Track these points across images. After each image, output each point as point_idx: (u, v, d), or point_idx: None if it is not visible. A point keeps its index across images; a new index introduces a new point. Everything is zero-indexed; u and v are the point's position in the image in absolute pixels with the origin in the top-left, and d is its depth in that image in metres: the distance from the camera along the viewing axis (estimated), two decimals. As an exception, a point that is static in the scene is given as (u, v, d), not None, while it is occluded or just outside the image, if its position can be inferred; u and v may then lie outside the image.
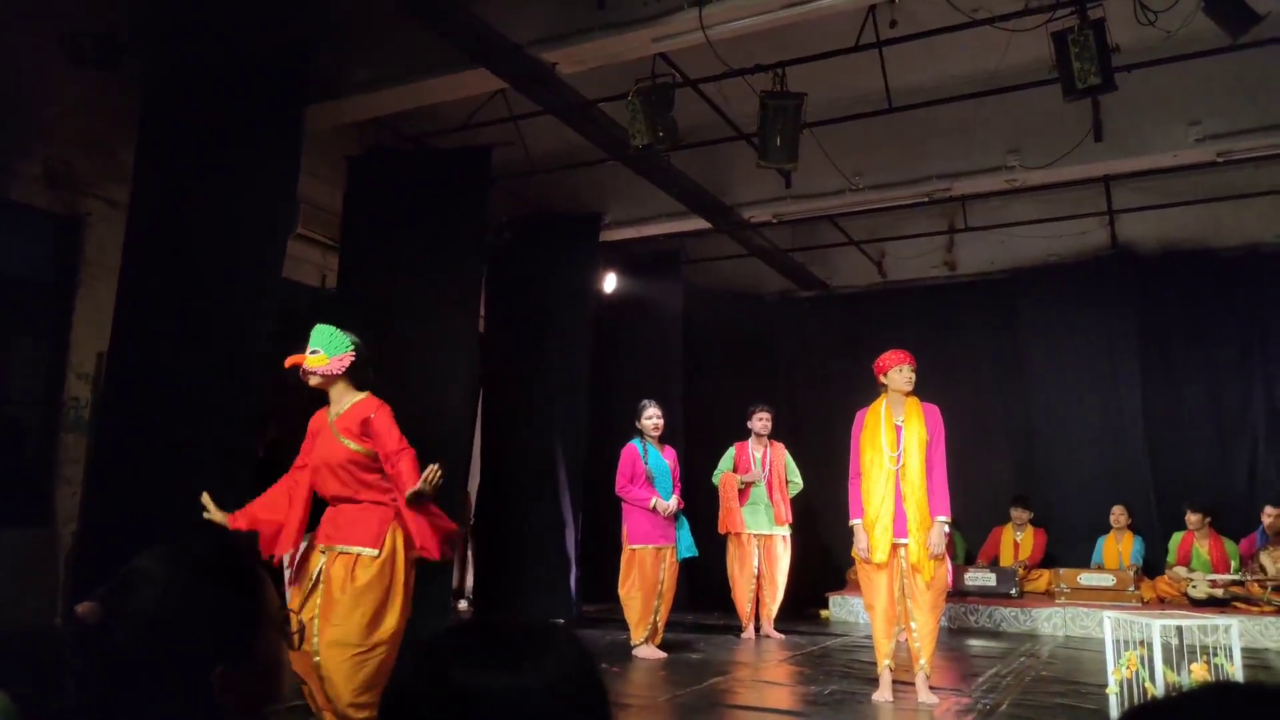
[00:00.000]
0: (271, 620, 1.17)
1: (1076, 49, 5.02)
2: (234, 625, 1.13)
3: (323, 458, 3.66)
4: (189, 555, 1.18)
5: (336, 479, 3.64)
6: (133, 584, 1.10)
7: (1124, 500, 8.22)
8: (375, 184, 6.93)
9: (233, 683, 1.09)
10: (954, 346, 9.24)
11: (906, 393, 4.81)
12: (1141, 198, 8.32)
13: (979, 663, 5.92)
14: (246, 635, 1.13)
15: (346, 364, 3.72)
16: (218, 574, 1.16)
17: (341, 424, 3.66)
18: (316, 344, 3.71)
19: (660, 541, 6.02)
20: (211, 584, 1.14)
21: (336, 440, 3.64)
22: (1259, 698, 0.71)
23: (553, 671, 0.84)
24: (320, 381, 3.70)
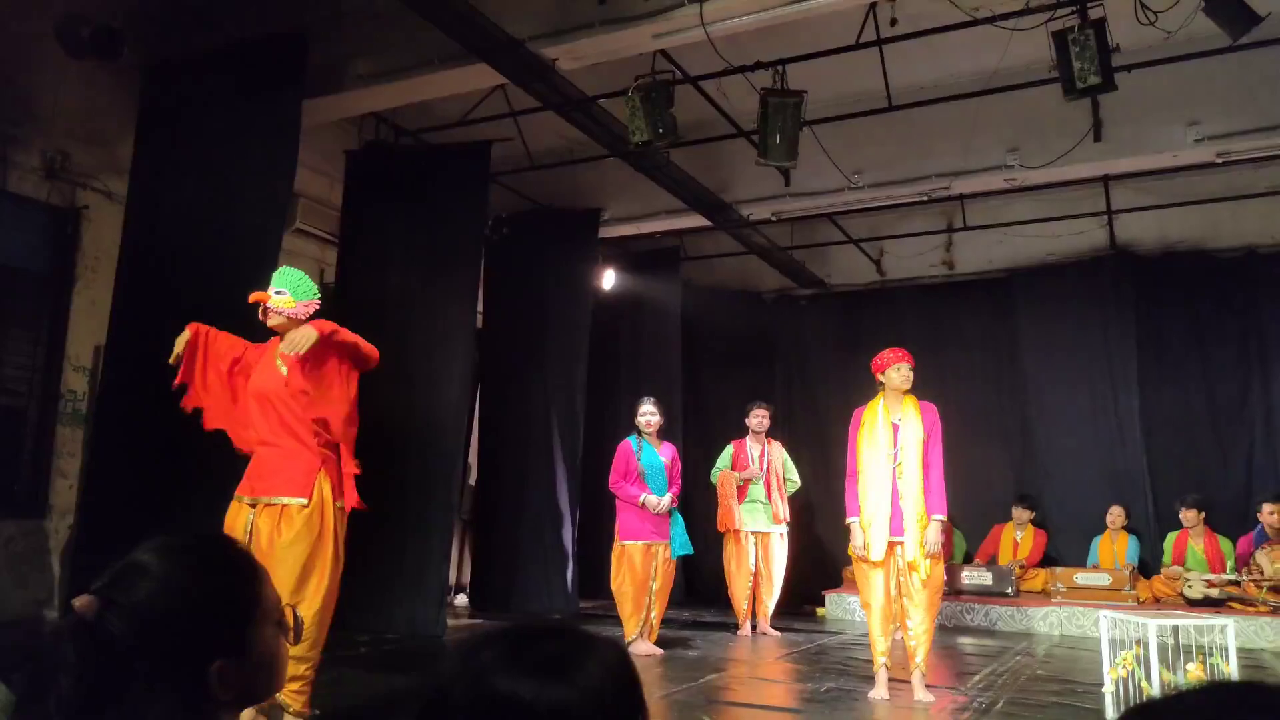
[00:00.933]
0: (269, 613, 1.17)
1: (1077, 48, 5.02)
2: (232, 618, 1.12)
3: (258, 387, 3.60)
4: (186, 548, 1.18)
5: (270, 412, 3.56)
6: (130, 577, 1.10)
7: (1121, 500, 8.23)
8: (374, 179, 6.92)
9: (230, 675, 1.09)
10: (952, 345, 9.25)
11: (904, 391, 4.81)
12: (1140, 198, 8.32)
13: (975, 661, 5.93)
14: (244, 628, 1.13)
15: (312, 310, 3.72)
16: (215, 566, 1.16)
17: (288, 359, 3.60)
18: (282, 284, 3.69)
19: (651, 538, 6.02)
20: (209, 576, 1.14)
21: (278, 369, 3.59)
22: (1255, 696, 0.71)
23: (594, 680, 0.83)
24: (282, 323, 3.67)
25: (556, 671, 0.82)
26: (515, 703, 0.80)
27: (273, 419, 3.56)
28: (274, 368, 3.59)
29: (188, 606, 1.09)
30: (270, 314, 3.66)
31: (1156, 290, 8.61)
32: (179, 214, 5.51)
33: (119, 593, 1.08)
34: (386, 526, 6.28)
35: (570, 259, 8.16)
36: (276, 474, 3.51)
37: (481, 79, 6.03)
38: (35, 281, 5.78)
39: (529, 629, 0.88)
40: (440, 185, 6.78)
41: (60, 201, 5.79)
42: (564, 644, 0.86)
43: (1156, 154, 7.04)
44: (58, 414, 5.72)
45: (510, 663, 0.83)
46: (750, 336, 10.08)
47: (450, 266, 6.68)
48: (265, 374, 3.61)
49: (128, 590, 1.08)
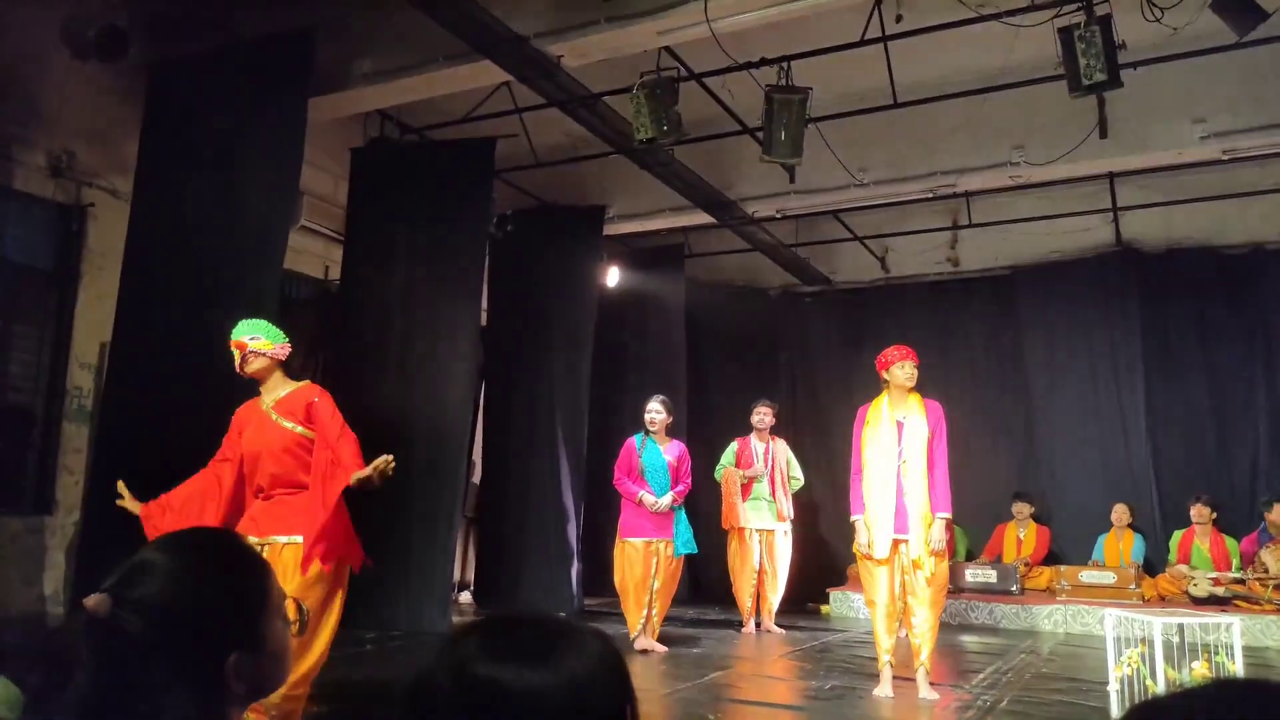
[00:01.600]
0: (277, 606, 1.18)
1: (1083, 45, 5.01)
2: (244, 610, 1.13)
3: (260, 445, 3.61)
4: (194, 544, 1.19)
5: (278, 464, 3.58)
6: (141, 574, 1.10)
7: (1126, 498, 8.22)
8: (379, 176, 6.93)
9: (245, 668, 1.10)
10: (957, 343, 9.24)
11: (909, 389, 4.81)
12: (1146, 195, 8.30)
13: (979, 659, 5.93)
14: (257, 620, 1.14)
15: (287, 352, 3.75)
16: (225, 560, 1.17)
17: (281, 409, 3.64)
18: (254, 332, 3.71)
19: (651, 535, 6.01)
20: (220, 570, 1.15)
21: (276, 425, 3.61)
22: (1260, 694, 0.71)
23: (576, 668, 0.83)
24: (262, 366, 3.69)
25: (537, 658, 0.83)
26: (495, 688, 0.81)
27: (288, 463, 3.59)
28: (274, 424, 3.61)
29: (201, 601, 1.10)
30: (251, 359, 3.67)
31: (1162, 287, 8.59)
32: (184, 212, 5.52)
33: (131, 590, 1.08)
34: (392, 524, 6.29)
35: (575, 256, 8.16)
36: (297, 514, 3.52)
37: (486, 76, 6.03)
38: (41, 279, 5.80)
39: (511, 618, 0.89)
40: (445, 182, 6.78)
41: (66, 200, 5.80)
42: (545, 632, 0.87)
43: (1162, 151, 7.02)
44: (64, 411, 5.74)
45: (491, 650, 0.84)
46: (755, 334, 10.08)
47: (455, 263, 6.68)
48: (264, 433, 3.62)
49: (140, 587, 1.08)
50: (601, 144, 7.05)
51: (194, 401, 5.16)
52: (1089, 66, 5.02)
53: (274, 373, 3.71)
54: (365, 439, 6.68)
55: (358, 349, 6.74)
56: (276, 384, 3.71)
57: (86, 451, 5.75)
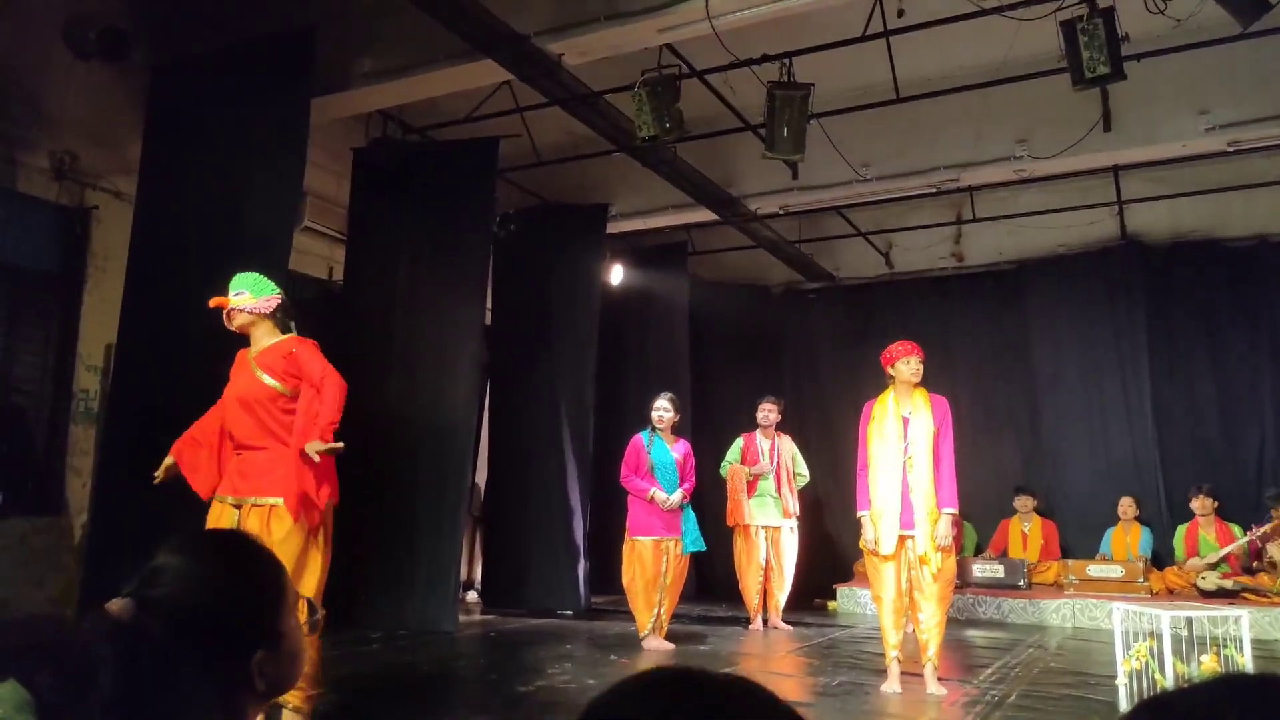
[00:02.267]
0: (292, 603, 1.19)
1: (1085, 38, 4.99)
2: (265, 609, 1.14)
3: (239, 393, 3.64)
4: (211, 545, 1.21)
5: (252, 417, 3.60)
6: (161, 577, 1.11)
7: (1132, 491, 8.20)
8: (381, 176, 6.93)
9: (268, 666, 1.11)
10: (962, 337, 9.22)
11: (914, 384, 4.80)
12: (1151, 188, 8.28)
13: (987, 654, 5.92)
14: (276, 618, 1.15)
15: (274, 305, 3.76)
16: (242, 560, 1.18)
17: (263, 360, 3.65)
18: (240, 287, 3.74)
19: (661, 533, 6.01)
20: (239, 570, 1.16)
21: (256, 376, 3.62)
22: (1268, 688, 0.70)
23: None
24: (246, 321, 3.72)
25: None
26: None
27: (255, 422, 3.60)
28: (253, 375, 3.63)
29: (224, 601, 1.11)
30: (234, 315, 3.71)
31: (1167, 280, 8.56)
32: (188, 213, 5.53)
33: (151, 592, 1.09)
34: (398, 523, 6.30)
35: (578, 254, 8.15)
36: (263, 475, 3.53)
37: (488, 75, 6.02)
38: (46, 281, 5.81)
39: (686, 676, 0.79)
40: (447, 182, 6.78)
41: (69, 202, 5.81)
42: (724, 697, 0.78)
43: (1167, 143, 6.99)
44: (70, 413, 5.76)
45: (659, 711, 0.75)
46: (758, 330, 10.07)
47: (458, 263, 6.68)
48: (245, 381, 3.66)
49: (160, 589, 1.09)
50: (604, 142, 7.04)
51: (200, 402, 5.16)
52: (1092, 59, 5.00)
53: (260, 325, 3.73)
54: (370, 439, 6.69)
55: (362, 349, 6.74)
56: (263, 336, 3.73)
57: (93, 453, 5.77)
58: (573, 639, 6.27)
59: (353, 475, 6.41)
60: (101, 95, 5.88)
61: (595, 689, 4.70)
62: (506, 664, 5.28)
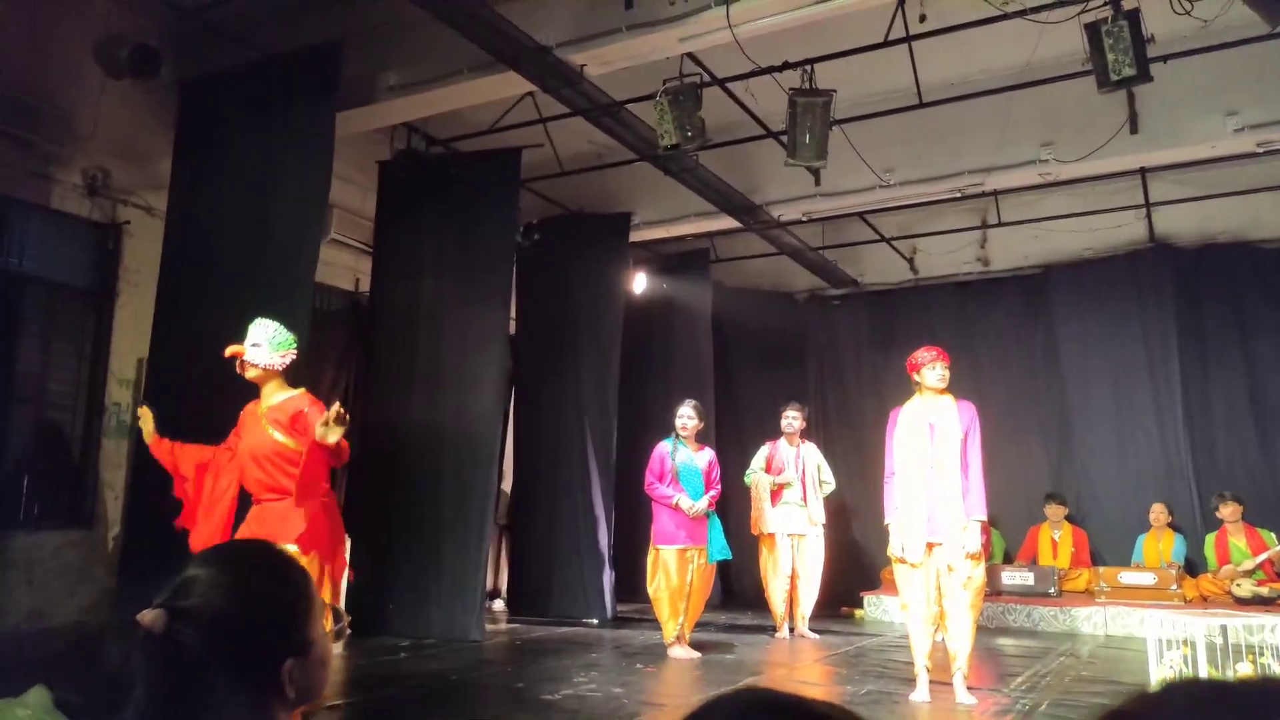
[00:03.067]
0: (320, 612, 1.21)
1: (1110, 40, 4.95)
2: (295, 617, 1.16)
3: (249, 448, 3.72)
4: (239, 555, 1.23)
5: (260, 470, 3.68)
6: (192, 588, 1.13)
7: (1164, 497, 8.09)
8: (406, 188, 7.00)
9: (298, 674, 1.13)
10: (988, 343, 9.15)
11: (940, 390, 4.77)
12: (1179, 190, 8.17)
13: (1018, 662, 5.85)
14: (306, 626, 1.16)
15: (288, 361, 3.80)
16: (270, 570, 1.20)
17: (272, 415, 3.72)
18: (257, 338, 3.77)
19: (686, 543, 6.00)
20: (267, 580, 1.18)
21: (265, 431, 3.70)
22: (1226, 695, 0.69)
23: None
24: (258, 375, 3.77)
25: None
26: None
27: (265, 476, 3.70)
28: (263, 431, 3.71)
29: (255, 610, 1.13)
30: (246, 367, 3.76)
31: (1197, 283, 8.46)
32: (217, 227, 5.61)
33: (184, 603, 1.11)
34: (424, 533, 6.34)
35: (601, 263, 8.18)
36: (279, 522, 3.62)
37: (510, 87, 6.06)
38: (79, 297, 5.91)
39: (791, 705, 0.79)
40: (471, 193, 6.83)
41: (102, 218, 5.91)
42: None
43: (1195, 145, 6.90)
44: (103, 426, 5.84)
45: None
46: (782, 337, 10.04)
47: (482, 273, 6.73)
48: (254, 436, 3.75)
49: (193, 600, 1.11)
50: (626, 151, 7.07)
51: (230, 415, 5.23)
52: (1117, 62, 4.95)
53: (271, 380, 3.79)
54: (397, 448, 6.73)
55: (388, 359, 6.81)
56: (273, 391, 3.80)
57: (125, 466, 5.84)
58: (598, 647, 6.27)
59: (379, 484, 6.50)
60: (132, 112, 5.97)
61: (621, 697, 4.70)
62: (533, 672, 5.29)
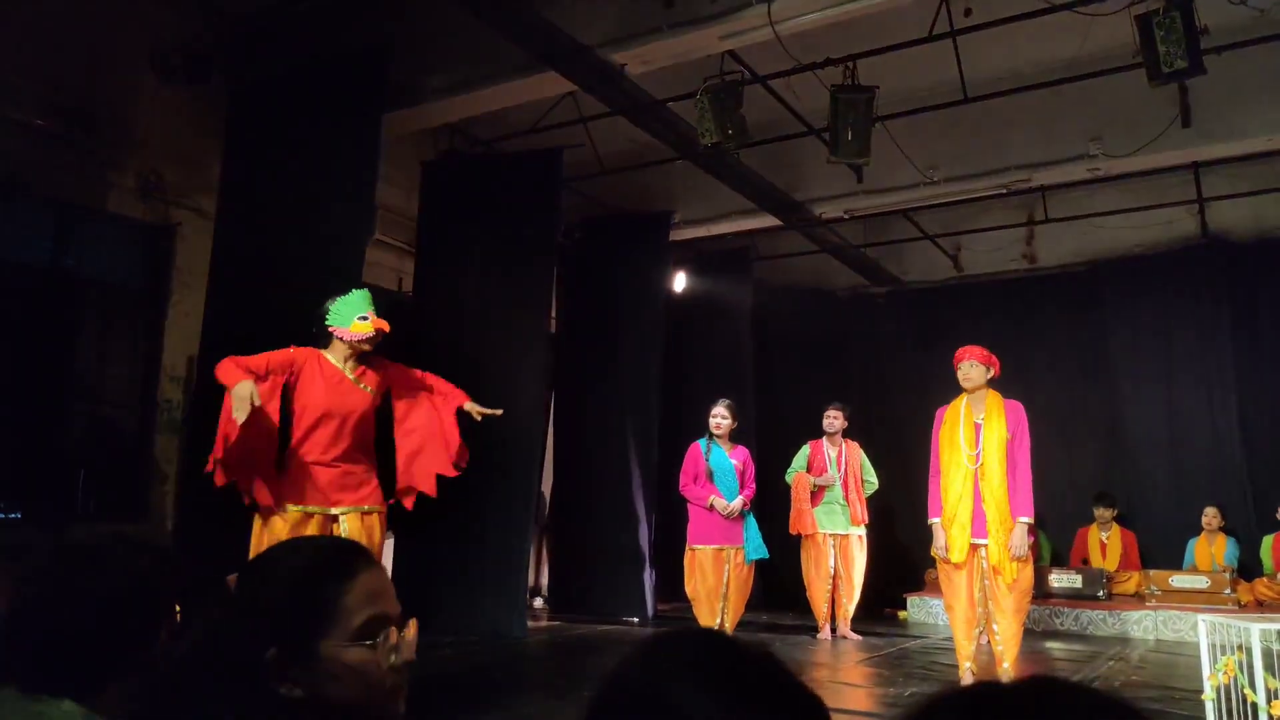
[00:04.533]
0: (348, 622, 1.16)
1: (1162, 32, 4.85)
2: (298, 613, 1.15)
3: (341, 407, 3.75)
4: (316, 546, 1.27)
5: (356, 432, 3.73)
6: (256, 570, 1.19)
7: (1218, 499, 7.90)
8: (449, 188, 7.06)
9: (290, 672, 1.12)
10: (1035, 341, 9.00)
11: (979, 388, 4.71)
12: (1233, 184, 7.98)
13: (1066, 666, 5.76)
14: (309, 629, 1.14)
15: None
16: (313, 564, 1.20)
17: (361, 376, 3.78)
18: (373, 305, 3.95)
19: (720, 542, 5.98)
20: (302, 570, 1.19)
21: (360, 390, 3.75)
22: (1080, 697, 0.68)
23: None
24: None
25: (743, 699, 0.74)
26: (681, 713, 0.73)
27: (364, 430, 3.76)
28: (355, 388, 3.73)
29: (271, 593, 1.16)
30: (378, 337, 3.88)
31: (1252, 279, 8.25)
32: (266, 228, 5.71)
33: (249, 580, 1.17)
34: (468, 531, 6.39)
35: (642, 262, 8.19)
36: (364, 485, 3.71)
37: (552, 87, 6.10)
38: (133, 297, 6.06)
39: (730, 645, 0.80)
40: (513, 193, 6.87)
41: (155, 220, 6.05)
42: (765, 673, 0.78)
43: (1250, 139, 6.73)
44: (156, 423, 5.98)
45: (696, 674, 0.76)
46: (824, 336, 9.96)
47: (524, 272, 6.77)
48: (347, 396, 3.77)
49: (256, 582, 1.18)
50: (667, 150, 7.07)
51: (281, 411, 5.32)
52: (1169, 54, 4.85)
53: None
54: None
55: (431, 359, 6.82)
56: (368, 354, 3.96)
57: (177, 460, 5.98)
58: (639, 646, 6.28)
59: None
60: (184, 117, 6.11)
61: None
62: (574, 669, 5.31)
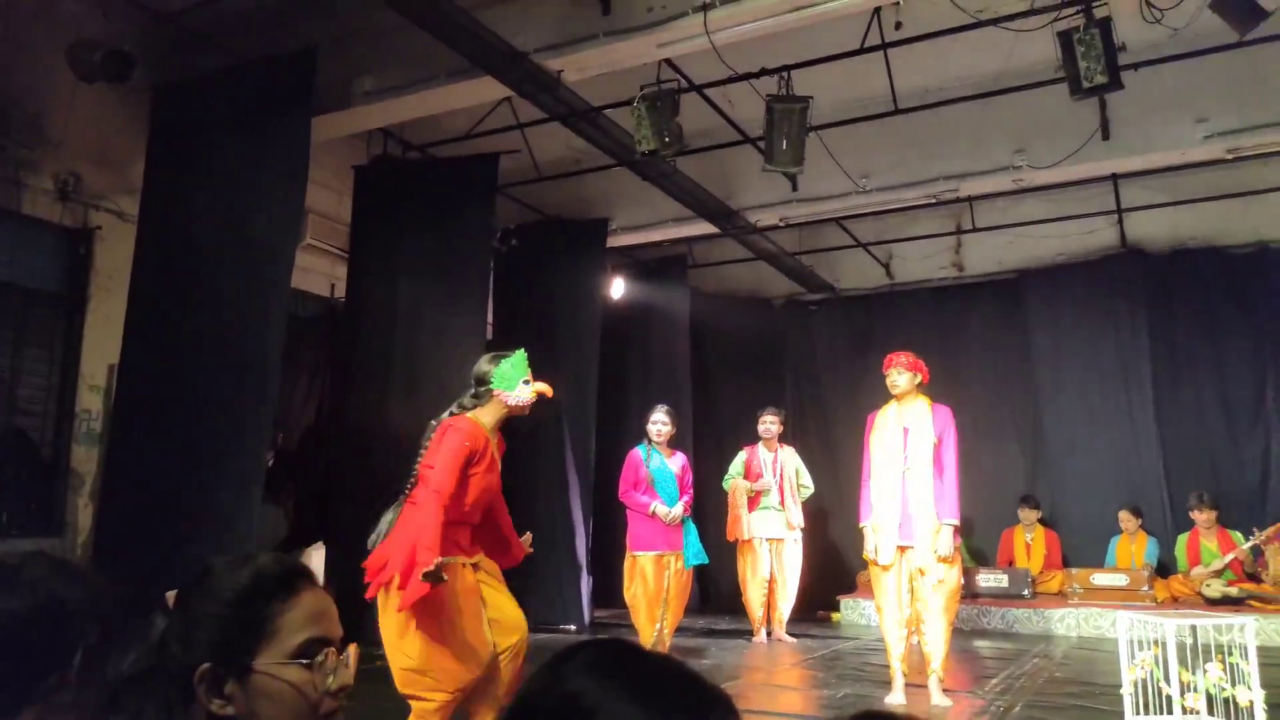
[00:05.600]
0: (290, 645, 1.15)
1: (1083, 48, 5.01)
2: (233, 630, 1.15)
3: (495, 486, 3.75)
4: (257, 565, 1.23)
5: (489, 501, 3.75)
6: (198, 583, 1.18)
7: (1135, 500, 8.17)
8: (382, 193, 6.97)
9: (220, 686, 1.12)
10: (963, 348, 9.22)
11: (899, 395, 4.81)
12: (1150, 196, 8.28)
13: (992, 664, 5.90)
14: (244, 646, 1.14)
15: None
16: (244, 580, 1.18)
17: (499, 445, 3.77)
18: None
19: (662, 548, 6.00)
20: (234, 588, 1.17)
21: (498, 464, 3.73)
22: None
23: None
24: None
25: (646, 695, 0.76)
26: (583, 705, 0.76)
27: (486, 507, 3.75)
28: (497, 465, 3.73)
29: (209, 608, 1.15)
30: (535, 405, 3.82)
31: (1169, 288, 8.57)
32: (190, 232, 5.56)
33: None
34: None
35: (578, 269, 8.17)
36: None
37: (487, 92, 6.06)
38: (50, 302, 5.84)
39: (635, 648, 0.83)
40: (448, 198, 6.81)
41: (73, 223, 5.85)
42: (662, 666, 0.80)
43: (1165, 151, 7.01)
44: (73, 433, 5.77)
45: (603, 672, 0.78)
46: (760, 342, 10.07)
47: (459, 279, 6.71)
48: (495, 472, 3.76)
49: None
50: (604, 157, 7.07)
51: (202, 422, 5.18)
52: (1089, 69, 5.02)
53: None
54: (374, 454, 6.69)
55: (364, 365, 6.76)
56: None
57: (95, 473, 5.78)
58: (577, 654, 6.26)
59: (356, 491, 6.45)
60: (104, 117, 5.91)
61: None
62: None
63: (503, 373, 3.77)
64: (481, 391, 3.78)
